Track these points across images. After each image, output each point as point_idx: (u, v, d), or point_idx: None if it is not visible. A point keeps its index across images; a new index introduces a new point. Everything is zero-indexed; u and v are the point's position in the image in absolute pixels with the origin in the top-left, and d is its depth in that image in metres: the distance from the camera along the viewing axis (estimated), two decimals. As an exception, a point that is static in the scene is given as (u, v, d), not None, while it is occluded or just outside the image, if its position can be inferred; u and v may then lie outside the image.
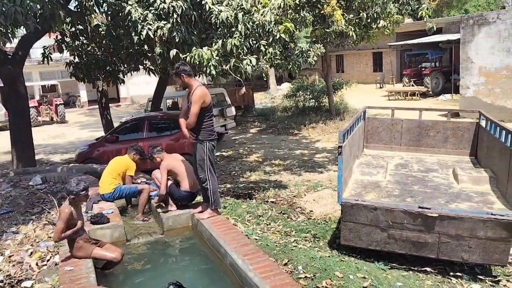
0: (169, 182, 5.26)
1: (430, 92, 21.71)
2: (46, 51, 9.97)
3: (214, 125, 14.01)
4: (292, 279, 3.35)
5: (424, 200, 5.00)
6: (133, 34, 7.08)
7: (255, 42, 6.96)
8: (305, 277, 4.39)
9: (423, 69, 23.33)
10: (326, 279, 4.33)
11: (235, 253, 3.61)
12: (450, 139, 7.10)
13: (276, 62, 8.53)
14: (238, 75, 7.13)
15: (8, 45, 11.88)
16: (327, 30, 9.75)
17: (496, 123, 5.70)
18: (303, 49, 9.38)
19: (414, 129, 7.26)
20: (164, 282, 4.01)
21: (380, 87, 26.90)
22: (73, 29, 9.79)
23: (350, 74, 29.92)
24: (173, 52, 6.66)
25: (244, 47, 6.71)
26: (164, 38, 6.83)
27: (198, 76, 13.86)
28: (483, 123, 6.69)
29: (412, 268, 5.09)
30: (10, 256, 4.96)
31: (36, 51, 20.63)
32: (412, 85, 22.78)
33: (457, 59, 18.63)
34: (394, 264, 5.17)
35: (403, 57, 27.66)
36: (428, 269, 5.04)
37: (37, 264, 4.74)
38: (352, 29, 9.81)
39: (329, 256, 5.15)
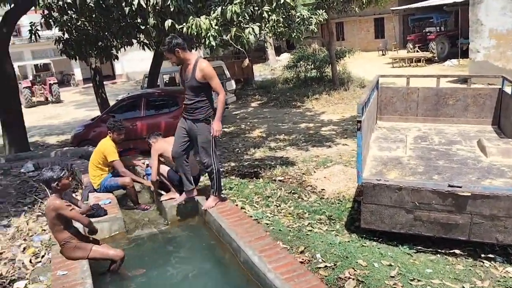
0: (167, 168, 4.80)
1: (436, 58, 21.00)
2: (33, 27, 9.33)
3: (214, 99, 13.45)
4: (320, 281, 2.92)
5: (452, 177, 4.53)
6: (123, 5, 6.50)
7: (257, 8, 6.37)
8: (325, 266, 3.99)
9: (428, 34, 22.52)
10: (349, 268, 3.93)
11: (250, 248, 3.16)
12: (471, 108, 6.60)
13: (279, 30, 7.94)
14: (239, 46, 6.57)
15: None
16: (334, -6, 9.08)
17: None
18: (304, 17, 8.78)
19: (431, 97, 6.74)
20: (170, 281, 3.61)
21: (383, 54, 26.13)
22: (61, 2, 9.14)
23: (351, 42, 29.03)
24: (168, 22, 6.09)
25: (246, 14, 6.14)
26: (157, 7, 6.26)
27: (195, 48, 13.24)
28: (507, 89, 6.16)
29: (439, 250, 4.69)
30: (1, 253, 4.55)
31: (26, 28, 19.87)
32: (417, 51, 22.02)
33: (464, 22, 17.92)
34: (419, 247, 4.75)
35: (406, 22, 26.76)
36: (457, 251, 4.64)
37: (30, 261, 4.34)
38: (360, -8, 9.13)
39: (348, 241, 4.74)
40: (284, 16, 7.54)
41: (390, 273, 3.91)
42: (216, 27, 6.01)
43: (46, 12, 9.51)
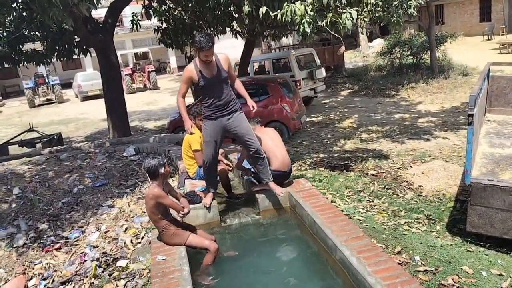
0: None
1: (553, 43, 18.69)
2: (135, 17, 9.90)
3: (303, 88, 13.19)
4: (427, 291, 2.69)
5: None
6: (219, -7, 6.57)
7: (355, -9, 6.05)
8: (425, 270, 3.70)
9: (544, 15, 20.10)
10: (452, 275, 3.60)
11: (347, 248, 3.00)
12: None
13: (377, 15, 7.50)
14: (333, 32, 6.33)
15: (98, 14, 12.13)
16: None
17: None
18: (403, -1, 8.19)
19: (553, 88, 5.95)
20: (262, 272, 3.59)
21: (489, 39, 23.84)
22: (160, -7, 9.59)
23: (452, 26, 26.92)
24: (262, 10, 6.02)
25: (343, -2, 5.86)
26: (252, -6, 6.22)
27: (286, 36, 13.14)
28: None
29: (559, 262, 4.14)
30: (106, 232, 4.90)
31: (128, 19, 21.26)
32: (530, 35, 19.79)
33: None
34: (534, 257, 4.26)
35: (517, 3, 24.14)
36: None
37: (131, 242, 4.62)
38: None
39: (451, 245, 4.37)
40: (382, 0, 7.10)
41: (501, 284, 3.53)
42: (312, 13, 5.82)
43: (146, 2, 10.03)
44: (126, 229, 4.89)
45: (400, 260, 3.85)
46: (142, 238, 4.65)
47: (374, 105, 13.05)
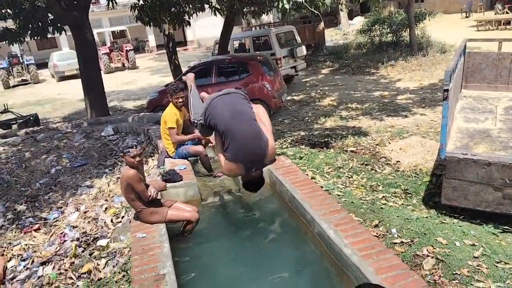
0: None
1: (529, 20, 18.95)
2: (111, -6, 9.62)
3: (284, 66, 13.11)
4: (401, 261, 2.76)
5: (551, 153, 4.08)
6: (197, -32, 6.42)
7: (334, -32, 6.00)
8: (401, 242, 3.80)
9: (521, -8, 20.34)
10: (427, 246, 3.70)
11: (324, 222, 3.05)
12: None
13: (356, -8, 7.48)
14: (313, 8, 6.30)
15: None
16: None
17: None
18: (383, -24, 8.16)
19: (527, 64, 6.07)
20: (242, 249, 3.64)
21: (467, 17, 24.03)
22: (136, -32, 9.32)
23: (430, 3, 26.96)
24: (241, -15, 5.94)
25: (322, -26, 5.82)
26: (230, -30, 6.12)
27: (266, 13, 13.01)
28: None
29: (529, 231, 4.31)
30: (85, 212, 4.87)
31: (104, -4, 20.70)
32: (507, 12, 19.99)
33: None
34: (506, 227, 4.41)
35: (495, -21, 24.26)
36: (549, 233, 4.24)
37: (112, 221, 4.60)
38: None
39: (427, 217, 4.49)
40: (361, -24, 7.07)
41: (474, 253, 3.64)
42: (290, -10, 5.78)
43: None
44: (106, 208, 4.87)
45: (377, 233, 3.94)
46: (122, 217, 4.64)
47: (354, 83, 13.12)
